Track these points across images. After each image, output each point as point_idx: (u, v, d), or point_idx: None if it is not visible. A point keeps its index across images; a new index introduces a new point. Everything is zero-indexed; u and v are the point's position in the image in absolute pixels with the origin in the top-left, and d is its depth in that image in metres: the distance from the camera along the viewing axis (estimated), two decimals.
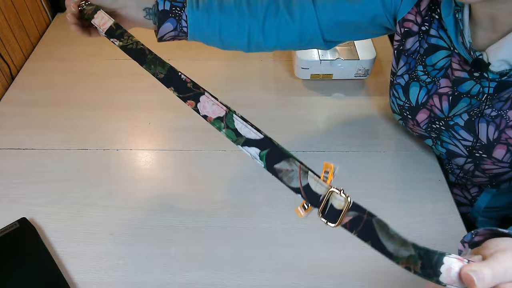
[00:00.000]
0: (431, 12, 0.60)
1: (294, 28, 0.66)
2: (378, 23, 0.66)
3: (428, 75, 0.64)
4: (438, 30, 0.61)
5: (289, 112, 0.85)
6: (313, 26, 0.66)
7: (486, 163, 0.63)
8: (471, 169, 0.67)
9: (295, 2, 0.65)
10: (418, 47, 0.64)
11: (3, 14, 0.91)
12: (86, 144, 0.78)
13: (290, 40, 0.68)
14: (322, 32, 0.67)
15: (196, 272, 0.61)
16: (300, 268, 0.61)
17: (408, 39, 0.64)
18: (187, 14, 0.62)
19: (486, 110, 0.59)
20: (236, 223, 0.66)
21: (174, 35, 0.64)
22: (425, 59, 0.64)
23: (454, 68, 0.60)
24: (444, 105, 0.64)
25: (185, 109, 0.85)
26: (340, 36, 0.70)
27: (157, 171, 0.74)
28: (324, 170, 0.39)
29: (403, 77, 0.68)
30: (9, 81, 0.92)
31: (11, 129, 0.81)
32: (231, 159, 0.76)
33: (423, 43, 0.63)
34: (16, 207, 0.68)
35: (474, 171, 0.67)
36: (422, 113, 0.68)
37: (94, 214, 0.67)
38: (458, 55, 0.59)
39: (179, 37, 0.65)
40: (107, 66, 0.96)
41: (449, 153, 0.68)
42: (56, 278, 0.59)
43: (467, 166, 0.67)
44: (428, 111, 0.67)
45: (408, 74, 0.67)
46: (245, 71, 0.95)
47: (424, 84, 0.65)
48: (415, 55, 0.65)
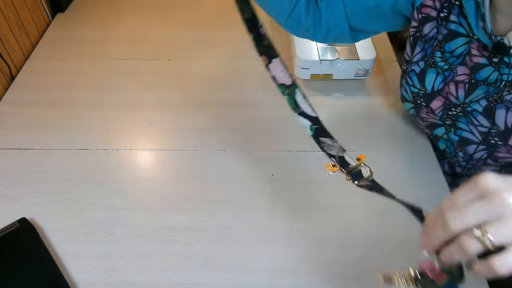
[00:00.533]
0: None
1: (321, 11, 0.69)
2: (398, 9, 0.67)
3: (446, 62, 0.64)
4: (458, 17, 0.61)
5: (289, 112, 0.85)
6: (339, 10, 0.68)
7: (500, 151, 0.63)
8: (483, 157, 0.67)
9: None
10: (436, 34, 0.64)
11: (3, 14, 0.91)
12: (86, 144, 0.78)
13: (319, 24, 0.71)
14: (347, 17, 0.68)
15: (196, 272, 0.61)
16: (300, 268, 0.61)
17: (426, 25, 0.64)
18: None
19: (506, 96, 0.59)
20: (236, 223, 0.66)
21: None
22: (444, 45, 0.64)
23: (472, 54, 0.60)
24: (460, 92, 0.64)
25: (185, 109, 0.85)
26: (365, 23, 0.71)
27: (157, 171, 0.74)
28: (357, 157, 0.53)
29: (418, 64, 0.68)
30: (9, 81, 0.92)
31: (11, 129, 0.81)
32: (231, 159, 0.76)
33: (442, 29, 0.63)
34: (16, 207, 0.68)
35: (486, 159, 0.66)
36: (437, 100, 0.68)
37: (94, 214, 0.67)
38: (477, 41, 0.59)
39: None
40: (107, 66, 0.96)
41: (462, 141, 0.68)
42: (56, 278, 0.59)
43: (479, 154, 0.67)
44: (443, 99, 0.67)
45: (424, 61, 0.67)
46: (245, 71, 0.95)
47: (441, 71, 0.65)
48: (432, 41, 0.65)
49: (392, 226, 0.65)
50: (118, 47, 1.01)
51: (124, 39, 1.04)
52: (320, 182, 0.72)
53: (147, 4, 1.17)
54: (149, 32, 1.07)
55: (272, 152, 0.77)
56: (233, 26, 1.09)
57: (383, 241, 0.64)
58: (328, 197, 0.70)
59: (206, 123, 0.83)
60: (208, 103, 0.87)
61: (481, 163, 0.68)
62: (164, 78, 0.92)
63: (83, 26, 1.08)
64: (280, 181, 0.72)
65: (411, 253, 0.63)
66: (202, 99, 0.88)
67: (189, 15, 1.13)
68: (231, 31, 1.07)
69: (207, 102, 0.87)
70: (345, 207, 0.68)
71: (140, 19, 1.11)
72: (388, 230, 0.65)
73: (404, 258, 0.62)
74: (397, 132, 0.81)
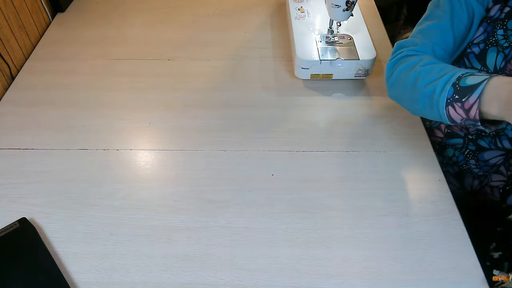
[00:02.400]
0: None
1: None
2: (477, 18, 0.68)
3: (506, 40, 0.65)
4: None
5: (289, 112, 0.85)
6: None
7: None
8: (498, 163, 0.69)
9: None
10: (499, 13, 0.65)
11: (3, 14, 0.91)
12: (86, 144, 0.78)
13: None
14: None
15: (196, 272, 0.61)
16: (300, 268, 0.61)
17: (494, 7, 0.66)
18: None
19: None
20: (236, 223, 0.66)
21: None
22: (506, 23, 0.65)
23: None
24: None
25: (185, 109, 0.85)
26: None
27: (157, 171, 0.74)
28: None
29: (478, 46, 0.68)
30: (9, 81, 0.92)
31: (11, 129, 0.81)
32: (231, 159, 0.76)
33: (505, 7, 0.64)
34: (16, 207, 0.68)
35: (500, 166, 0.68)
36: None
37: (94, 214, 0.67)
38: None
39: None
40: (107, 66, 0.96)
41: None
42: (56, 278, 0.59)
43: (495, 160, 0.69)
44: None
45: (484, 42, 0.68)
46: (245, 71, 0.95)
47: (502, 49, 0.66)
48: (495, 22, 0.66)
49: (393, 226, 0.65)
50: (118, 47, 1.01)
51: (124, 39, 1.04)
52: (320, 182, 0.72)
53: (147, 4, 1.17)
54: (149, 32, 1.07)
55: (272, 152, 0.77)
56: (233, 26, 1.09)
57: (383, 241, 0.64)
58: (328, 197, 0.70)
59: (206, 123, 0.83)
60: (208, 103, 0.87)
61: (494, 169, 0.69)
62: (164, 78, 0.92)
63: (83, 26, 1.08)
64: (280, 181, 0.72)
65: (411, 252, 0.64)
66: (202, 99, 0.88)
67: (189, 15, 1.13)
68: (231, 31, 1.07)
69: (207, 102, 0.87)
70: (345, 207, 0.68)
71: (140, 19, 1.11)
72: (388, 230, 0.65)
73: (404, 259, 0.62)
74: (397, 132, 0.81)
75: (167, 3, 1.17)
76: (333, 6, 0.82)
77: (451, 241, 0.64)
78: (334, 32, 0.91)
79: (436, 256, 0.62)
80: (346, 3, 0.81)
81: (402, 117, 0.83)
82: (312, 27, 0.95)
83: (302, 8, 1.01)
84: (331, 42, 0.90)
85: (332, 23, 0.90)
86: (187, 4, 1.17)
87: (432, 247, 0.63)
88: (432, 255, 0.62)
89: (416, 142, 0.79)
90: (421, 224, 0.66)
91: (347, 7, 0.81)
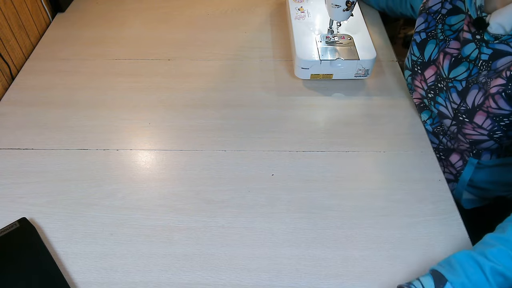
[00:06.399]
0: None
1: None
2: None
3: (443, 34, 0.71)
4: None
5: (289, 112, 0.85)
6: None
7: (467, 128, 0.68)
8: (454, 131, 0.72)
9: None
10: (440, 8, 0.71)
11: (3, 14, 0.91)
12: (86, 144, 0.78)
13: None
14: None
15: (196, 272, 0.61)
16: (300, 268, 0.61)
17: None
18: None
19: (480, 77, 0.64)
20: (236, 223, 0.66)
21: None
22: (445, 19, 0.70)
23: (464, 30, 0.66)
24: (445, 64, 0.70)
25: (185, 109, 0.85)
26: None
27: (157, 171, 0.74)
28: None
29: (419, 34, 0.74)
30: (9, 81, 0.92)
31: (11, 129, 0.81)
32: (231, 159, 0.76)
33: (447, 4, 0.70)
34: (16, 207, 0.68)
35: (457, 134, 0.72)
36: (430, 69, 0.74)
37: (94, 214, 0.67)
38: (469, 17, 0.64)
39: None
40: (107, 66, 0.96)
41: (440, 114, 0.75)
42: (56, 278, 0.59)
43: (452, 128, 0.73)
44: (435, 68, 0.73)
45: (425, 32, 0.74)
46: (245, 71, 0.95)
47: (438, 41, 0.72)
48: (436, 15, 0.72)
49: (393, 226, 0.65)
50: (118, 47, 1.01)
51: (124, 39, 1.04)
52: (320, 182, 0.72)
53: (147, 4, 1.17)
54: (149, 32, 1.07)
55: (272, 152, 0.77)
56: (233, 26, 1.09)
57: (383, 241, 0.64)
58: (328, 197, 0.70)
59: (206, 123, 0.83)
60: (208, 103, 0.87)
61: (454, 136, 0.74)
62: (164, 78, 0.92)
63: (83, 26, 1.08)
64: (280, 181, 0.72)
65: (411, 253, 0.64)
66: (202, 99, 0.88)
67: (189, 15, 1.13)
68: (231, 31, 1.07)
69: (207, 102, 0.87)
70: (345, 207, 0.68)
71: (140, 19, 1.11)
72: (388, 230, 0.65)
73: (404, 259, 0.62)
74: (397, 132, 0.81)
75: (167, 3, 1.18)
76: (333, 6, 0.82)
77: (451, 241, 0.64)
78: (334, 32, 0.91)
79: (436, 256, 0.62)
80: (346, 3, 0.81)
81: (402, 117, 0.83)
82: (312, 27, 0.95)
83: (302, 8, 1.01)
84: (331, 42, 0.90)
85: (332, 23, 0.90)
86: (187, 4, 1.17)
87: (432, 247, 0.63)
88: (432, 255, 0.62)
89: (416, 142, 0.79)
90: (421, 224, 0.66)
91: (347, 7, 0.82)
